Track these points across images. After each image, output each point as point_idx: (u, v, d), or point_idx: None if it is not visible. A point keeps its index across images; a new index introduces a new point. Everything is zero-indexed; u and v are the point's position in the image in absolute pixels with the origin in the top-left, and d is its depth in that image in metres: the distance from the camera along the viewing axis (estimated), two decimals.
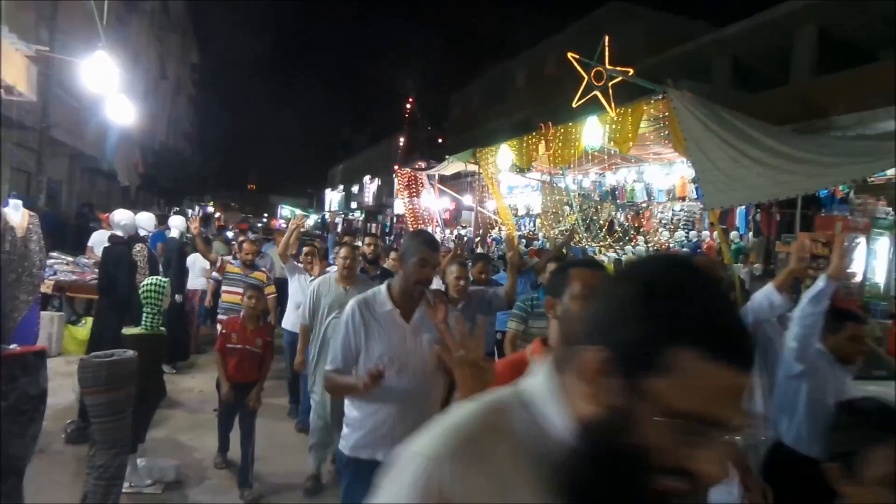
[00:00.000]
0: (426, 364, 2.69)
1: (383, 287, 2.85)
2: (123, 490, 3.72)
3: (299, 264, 6.05)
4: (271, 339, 4.82)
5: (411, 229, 19.81)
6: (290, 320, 6.06)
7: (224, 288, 6.36)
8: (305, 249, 6.21)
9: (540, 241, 15.57)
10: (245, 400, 4.60)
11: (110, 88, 9.42)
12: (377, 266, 6.09)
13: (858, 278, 11.45)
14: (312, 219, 44.88)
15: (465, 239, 18.26)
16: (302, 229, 8.21)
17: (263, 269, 6.67)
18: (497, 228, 18.55)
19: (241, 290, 5.63)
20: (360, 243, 12.44)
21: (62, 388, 5.74)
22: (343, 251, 4.90)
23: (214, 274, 7.35)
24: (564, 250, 8.12)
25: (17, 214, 5.89)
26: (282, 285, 7.03)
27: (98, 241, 9.39)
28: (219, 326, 6.07)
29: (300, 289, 5.84)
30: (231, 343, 4.60)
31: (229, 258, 6.87)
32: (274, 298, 6.63)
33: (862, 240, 11.09)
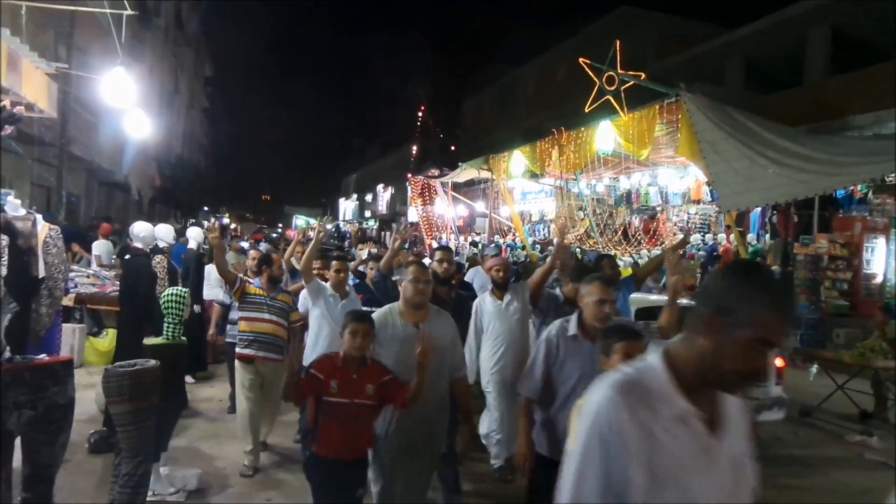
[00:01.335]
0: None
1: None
2: (148, 498, 3.76)
3: (326, 283, 4.85)
4: (389, 381, 3.16)
5: (425, 237, 19.88)
6: (313, 357, 4.74)
7: (243, 314, 5.09)
8: (335, 265, 4.88)
9: (553, 247, 15.51)
10: (356, 492, 3.15)
11: (128, 103, 9.57)
12: (451, 287, 5.00)
13: (879, 279, 11.32)
14: (327, 228, 45.03)
15: (480, 244, 18.25)
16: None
17: (288, 291, 5.55)
18: (511, 235, 18.55)
19: (266, 317, 5.01)
20: (371, 250, 12.47)
21: (84, 399, 5.80)
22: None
23: (222, 296, 6.43)
24: (579, 255, 8.13)
25: (37, 227, 5.98)
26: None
27: (102, 250, 9.64)
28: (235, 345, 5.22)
29: (327, 315, 4.66)
30: (331, 395, 3.07)
31: (248, 278, 5.52)
32: (301, 328, 5.21)
33: (881, 240, 10.98)
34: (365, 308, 4.40)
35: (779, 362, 5.73)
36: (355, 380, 3.09)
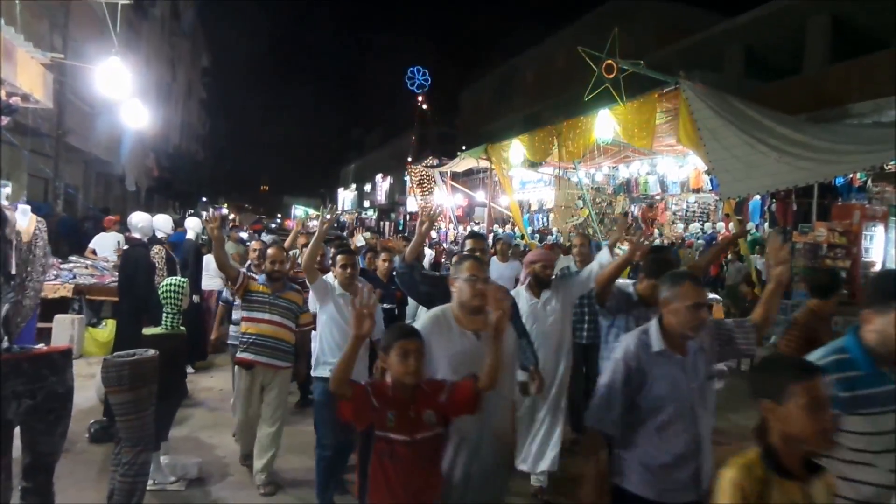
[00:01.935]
0: None
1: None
2: (148, 487, 3.78)
3: (332, 279, 4.23)
4: (449, 390, 2.53)
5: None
6: (324, 366, 4.12)
7: (245, 314, 4.56)
8: (341, 259, 4.18)
9: (554, 236, 15.55)
10: None
11: (124, 93, 9.51)
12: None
13: (877, 267, 11.33)
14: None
15: (493, 233, 18.22)
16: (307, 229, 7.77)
17: (298, 289, 4.78)
18: (510, 224, 18.55)
19: (270, 318, 4.46)
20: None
21: (84, 389, 5.82)
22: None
23: (226, 294, 5.65)
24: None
25: (25, 219, 5.97)
26: None
27: (100, 244, 9.46)
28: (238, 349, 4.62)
29: (338, 319, 4.08)
30: (388, 429, 2.42)
31: (252, 273, 4.98)
32: (310, 332, 4.73)
33: (880, 228, 10.97)
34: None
35: None
36: (413, 413, 2.42)
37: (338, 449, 4.06)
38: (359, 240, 8.87)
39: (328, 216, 4.36)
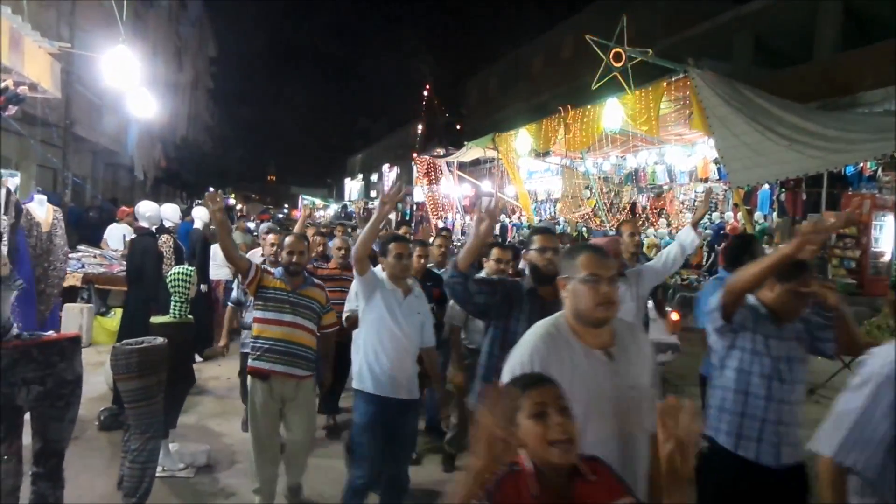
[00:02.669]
0: None
1: None
2: (157, 474, 3.81)
3: (381, 272, 3.64)
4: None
5: (431, 217, 19.87)
6: (368, 377, 3.53)
7: (258, 314, 3.92)
8: (394, 248, 3.60)
9: (561, 226, 15.51)
10: None
11: (131, 83, 9.52)
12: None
13: (887, 257, 11.26)
14: (333, 208, 45.10)
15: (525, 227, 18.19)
16: (310, 220, 7.49)
17: (320, 284, 4.17)
18: (518, 214, 18.51)
19: (289, 318, 3.85)
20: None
21: (93, 377, 5.87)
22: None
23: (236, 294, 5.07)
24: (585, 233, 7.90)
25: (43, 210, 6.03)
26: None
27: (112, 234, 9.50)
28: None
29: (387, 319, 3.52)
30: None
31: (268, 267, 4.30)
32: (334, 334, 4.25)
33: (890, 217, 10.89)
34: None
35: (675, 316, 6.46)
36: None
37: (374, 479, 3.55)
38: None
39: (389, 196, 3.38)
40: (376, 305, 3.53)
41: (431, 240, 6.73)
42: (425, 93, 38.73)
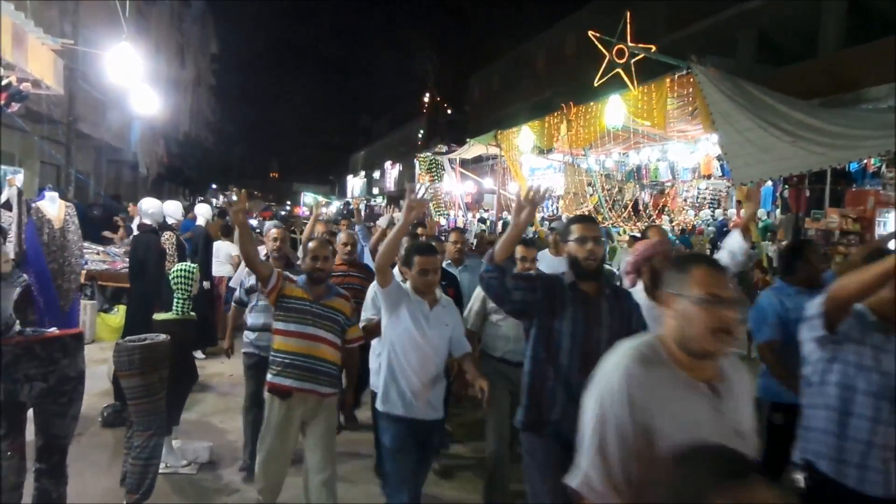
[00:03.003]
0: None
1: None
2: (160, 470, 3.82)
3: (404, 281, 3.44)
4: None
5: (434, 213, 19.87)
6: (396, 399, 3.29)
7: (279, 326, 3.55)
8: (422, 260, 3.31)
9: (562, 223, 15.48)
10: None
11: (134, 80, 9.53)
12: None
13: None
14: (335, 205, 45.13)
15: (489, 221, 18.22)
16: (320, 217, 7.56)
17: (345, 294, 3.78)
18: None
19: (312, 331, 3.49)
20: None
21: (96, 374, 5.88)
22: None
23: (239, 293, 4.65)
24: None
25: (54, 206, 6.03)
26: None
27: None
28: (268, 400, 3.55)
29: (413, 332, 3.26)
30: None
31: (289, 274, 3.75)
32: (358, 350, 3.88)
33: (894, 214, 10.86)
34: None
35: None
36: None
37: (418, 500, 3.33)
38: (383, 220, 7.60)
39: (416, 198, 3.17)
40: (401, 319, 3.25)
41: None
42: (428, 90, 38.69)
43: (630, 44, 9.17)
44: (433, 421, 3.37)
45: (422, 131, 37.14)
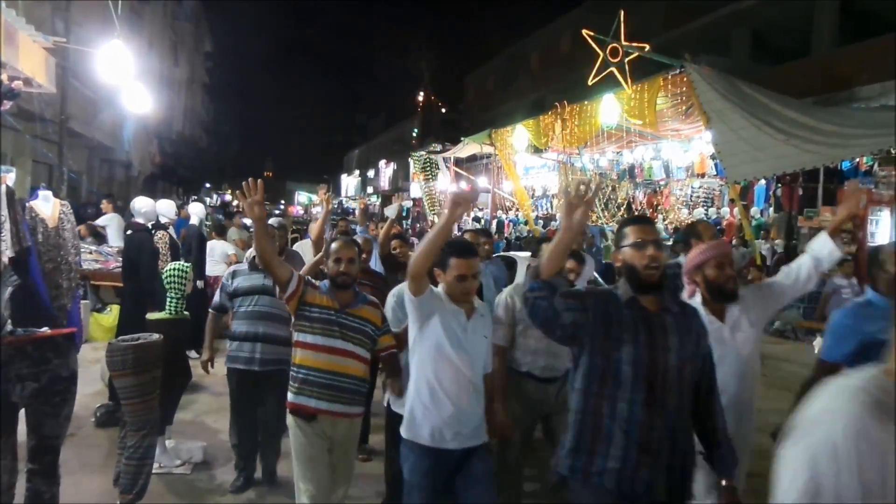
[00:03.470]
0: None
1: None
2: (154, 470, 3.81)
3: (438, 288, 2.86)
4: None
5: (428, 213, 19.88)
6: (423, 424, 2.80)
7: (299, 338, 3.14)
8: (460, 264, 2.77)
9: (557, 222, 15.51)
10: None
11: (126, 78, 9.47)
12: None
13: None
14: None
15: (483, 220, 18.24)
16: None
17: (375, 302, 3.36)
18: (514, 209, 18.51)
19: (340, 345, 3.09)
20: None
21: (89, 374, 5.86)
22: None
23: (219, 298, 4.22)
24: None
25: (48, 205, 5.99)
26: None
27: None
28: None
29: (447, 346, 2.76)
30: None
31: (311, 279, 3.36)
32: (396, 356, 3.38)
33: (886, 212, 10.91)
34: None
35: None
36: None
37: None
38: (392, 210, 6.91)
39: (463, 196, 2.66)
40: (433, 332, 2.76)
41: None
42: (422, 88, 38.67)
43: (624, 43, 9.17)
44: (470, 449, 2.82)
45: (416, 130, 37.08)
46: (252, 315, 4.03)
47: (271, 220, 5.12)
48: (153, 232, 6.37)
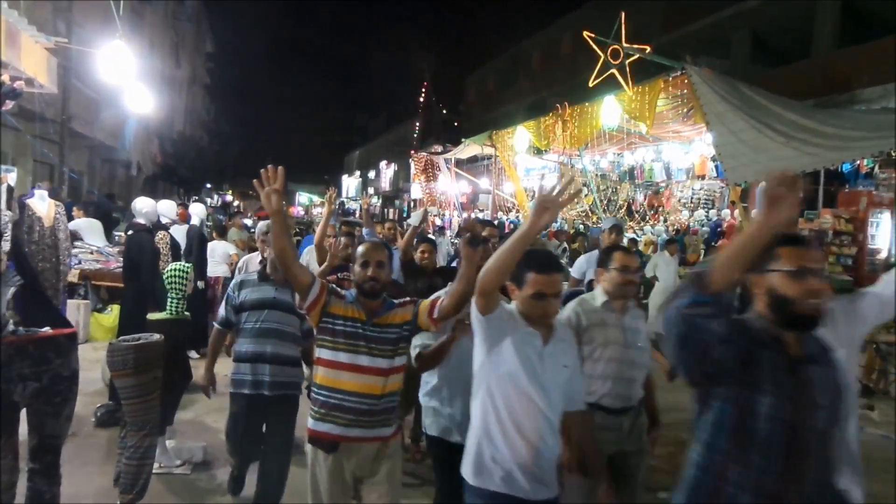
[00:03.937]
0: None
1: None
2: (154, 470, 3.81)
3: (511, 306, 2.46)
4: None
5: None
6: (493, 467, 2.36)
7: (322, 354, 2.72)
8: (544, 280, 2.32)
9: (557, 223, 15.52)
10: None
11: (128, 78, 9.50)
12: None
13: (884, 254, 11.29)
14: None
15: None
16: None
17: (402, 304, 2.82)
18: (515, 211, 18.52)
19: (367, 364, 2.64)
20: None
21: (90, 374, 5.85)
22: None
23: (224, 313, 3.76)
24: (583, 229, 7.81)
25: (44, 204, 6.02)
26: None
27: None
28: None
29: (522, 374, 2.35)
30: None
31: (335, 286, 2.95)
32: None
33: (887, 215, 10.92)
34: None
35: None
36: None
37: None
38: (415, 218, 6.46)
39: (551, 199, 2.12)
40: (506, 358, 2.31)
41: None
42: (423, 89, 38.68)
43: (625, 44, 9.19)
44: (542, 501, 2.37)
45: (417, 131, 37.10)
46: (259, 333, 3.59)
47: (262, 223, 5.00)
48: (154, 232, 6.37)
